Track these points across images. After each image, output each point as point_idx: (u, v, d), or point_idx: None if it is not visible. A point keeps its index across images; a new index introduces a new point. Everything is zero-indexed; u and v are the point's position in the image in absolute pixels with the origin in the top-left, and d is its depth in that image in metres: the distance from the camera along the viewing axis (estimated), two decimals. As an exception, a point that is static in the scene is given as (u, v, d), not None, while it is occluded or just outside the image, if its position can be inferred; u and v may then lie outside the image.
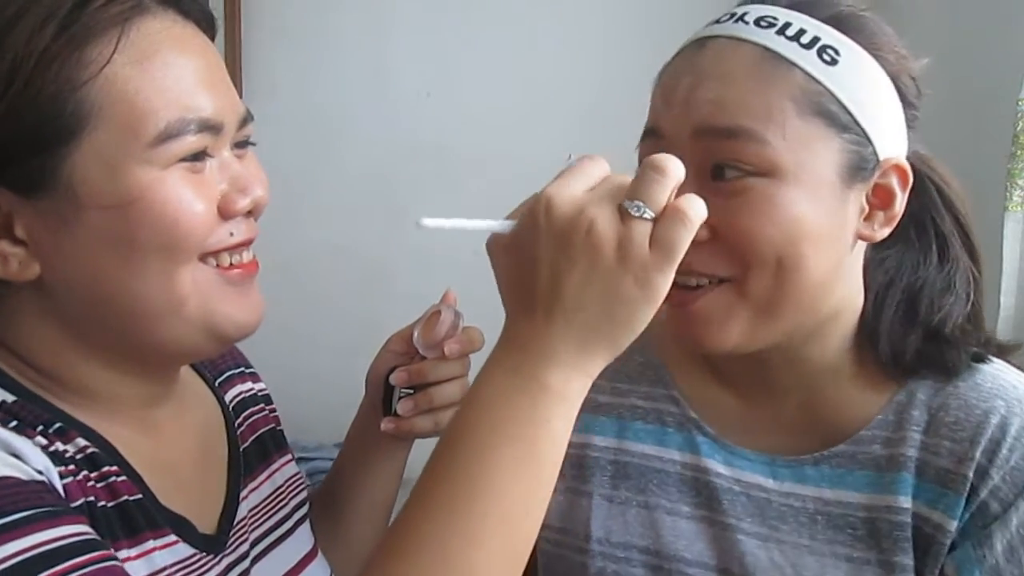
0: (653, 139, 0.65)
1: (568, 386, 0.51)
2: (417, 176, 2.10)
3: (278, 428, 0.82)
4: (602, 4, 2.06)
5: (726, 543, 0.70)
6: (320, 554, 0.78)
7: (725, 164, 0.60)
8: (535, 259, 0.51)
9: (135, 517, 0.58)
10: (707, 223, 0.60)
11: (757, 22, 0.62)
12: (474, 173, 2.07)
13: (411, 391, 0.76)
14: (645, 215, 0.49)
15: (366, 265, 2.14)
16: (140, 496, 0.59)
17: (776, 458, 0.71)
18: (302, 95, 2.08)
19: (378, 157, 2.10)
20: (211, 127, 0.58)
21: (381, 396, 0.78)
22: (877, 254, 0.70)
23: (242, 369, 0.82)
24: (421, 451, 0.90)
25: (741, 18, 0.63)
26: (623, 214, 0.50)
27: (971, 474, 0.63)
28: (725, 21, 0.64)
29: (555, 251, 0.50)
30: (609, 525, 0.73)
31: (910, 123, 0.66)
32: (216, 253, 0.60)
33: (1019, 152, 1.31)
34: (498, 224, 0.54)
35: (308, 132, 2.08)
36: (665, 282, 0.50)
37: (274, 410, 0.83)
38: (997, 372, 0.68)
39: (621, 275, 0.49)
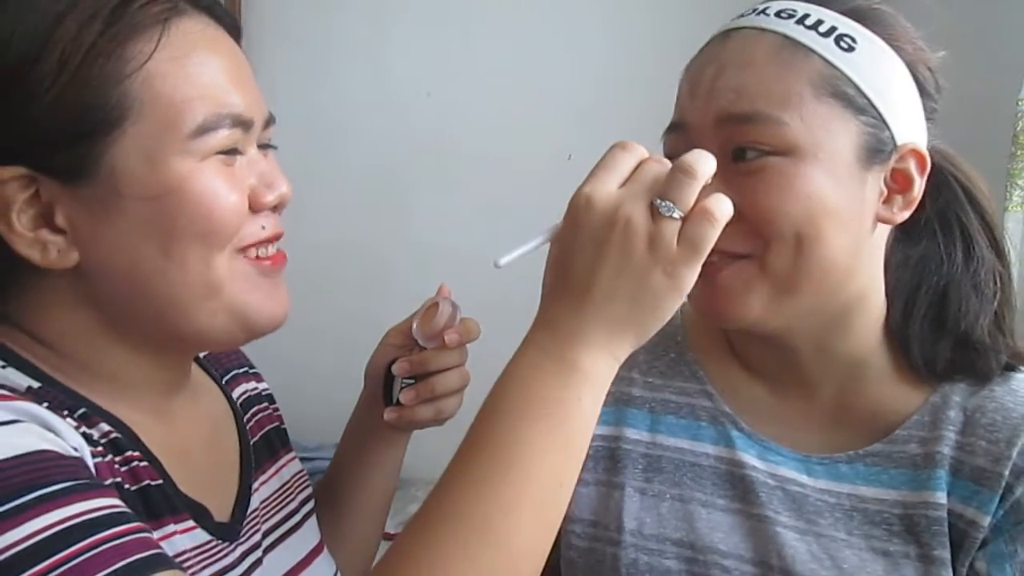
0: (678, 132, 0.68)
1: (596, 367, 0.55)
2: (417, 175, 2.10)
3: (282, 426, 0.84)
4: (602, 4, 2.06)
5: (764, 535, 0.70)
6: (326, 549, 0.79)
7: (745, 146, 0.63)
8: (574, 251, 0.55)
9: (156, 501, 0.60)
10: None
11: (778, 14, 0.65)
12: (474, 173, 2.07)
13: (412, 381, 0.78)
14: (674, 215, 0.53)
15: (367, 263, 2.14)
16: (161, 481, 0.61)
17: (810, 455, 0.72)
18: (303, 95, 2.08)
19: (378, 157, 2.10)
20: (243, 123, 0.61)
21: (382, 387, 0.80)
22: (903, 252, 0.71)
23: (246, 369, 0.84)
24: (418, 452, 0.91)
25: (763, 11, 0.66)
26: (654, 213, 0.54)
27: (1007, 473, 0.65)
28: (748, 15, 0.67)
29: (593, 245, 0.54)
30: (642, 517, 0.74)
31: (929, 115, 0.68)
32: (248, 248, 0.63)
33: (1019, 152, 1.31)
34: (554, 229, 0.58)
35: (309, 132, 2.08)
36: (692, 275, 0.55)
37: (277, 409, 0.85)
38: None
39: (651, 268, 0.54)
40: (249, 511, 0.70)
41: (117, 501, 0.51)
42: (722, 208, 0.54)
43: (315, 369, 2.05)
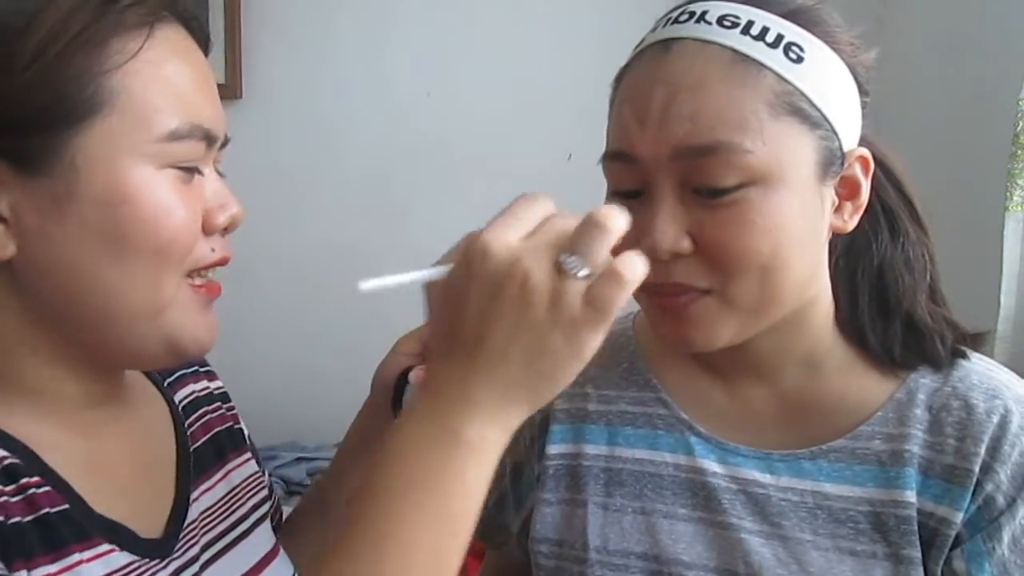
0: (626, 162, 0.64)
1: (483, 437, 0.50)
2: (417, 176, 2.10)
3: (236, 426, 0.81)
4: (601, 4, 2.06)
5: (728, 543, 0.69)
6: (282, 553, 0.76)
7: (706, 189, 0.60)
8: (464, 304, 0.50)
9: (57, 530, 0.55)
10: (690, 234, 0.61)
11: (720, 21, 0.61)
12: (474, 173, 2.07)
13: None
14: (580, 275, 0.49)
15: (366, 265, 2.13)
16: (66, 507, 0.57)
17: (771, 452, 0.71)
18: (302, 95, 2.08)
19: (378, 157, 2.10)
20: (209, 137, 0.60)
21: (391, 397, 0.78)
22: (835, 241, 0.70)
23: (195, 368, 0.81)
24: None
25: (703, 17, 0.62)
26: (559, 269, 0.49)
27: (976, 469, 0.65)
28: (685, 21, 0.63)
29: (486, 299, 0.49)
30: (606, 533, 0.73)
31: (863, 109, 0.67)
32: (194, 272, 0.61)
33: (1019, 152, 1.31)
34: (435, 271, 0.53)
35: (308, 132, 2.08)
36: (594, 339, 0.50)
37: (232, 408, 0.82)
38: (990, 372, 0.70)
39: (550, 329, 0.49)
40: (186, 523, 0.66)
41: None
42: (633, 271, 0.49)
43: (314, 371, 2.05)
